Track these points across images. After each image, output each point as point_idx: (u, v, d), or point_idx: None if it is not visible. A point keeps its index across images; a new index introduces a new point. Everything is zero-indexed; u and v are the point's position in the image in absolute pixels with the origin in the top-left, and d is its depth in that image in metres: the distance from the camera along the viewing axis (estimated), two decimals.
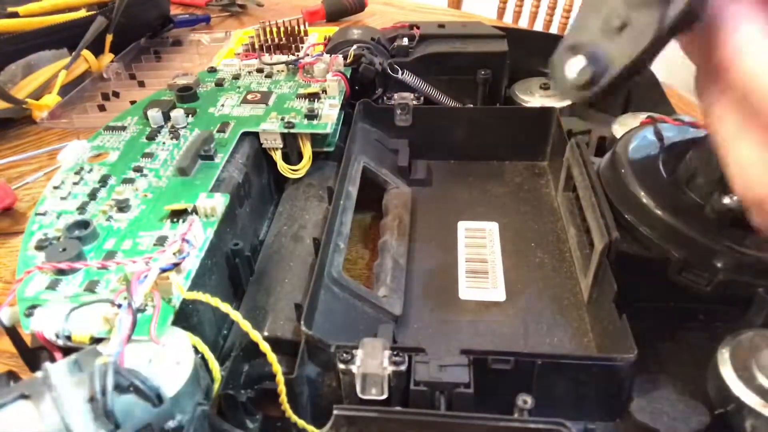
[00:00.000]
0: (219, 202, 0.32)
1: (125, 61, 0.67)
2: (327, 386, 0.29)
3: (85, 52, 0.63)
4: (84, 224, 0.31)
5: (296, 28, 0.52)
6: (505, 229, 0.40)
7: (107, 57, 0.66)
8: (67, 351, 0.26)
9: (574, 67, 0.23)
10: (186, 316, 0.28)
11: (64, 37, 0.63)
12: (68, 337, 0.26)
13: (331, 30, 0.56)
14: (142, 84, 0.63)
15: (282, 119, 0.41)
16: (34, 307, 0.27)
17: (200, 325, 0.29)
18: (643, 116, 0.41)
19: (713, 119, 0.22)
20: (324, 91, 0.44)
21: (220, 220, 0.32)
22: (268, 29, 0.51)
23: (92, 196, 0.34)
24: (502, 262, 0.37)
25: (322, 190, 0.42)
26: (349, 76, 0.46)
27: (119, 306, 0.25)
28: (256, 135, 0.41)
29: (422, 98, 0.49)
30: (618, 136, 0.40)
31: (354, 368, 0.26)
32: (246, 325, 0.26)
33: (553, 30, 1.18)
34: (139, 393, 0.22)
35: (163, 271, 0.27)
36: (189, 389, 0.25)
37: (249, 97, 0.44)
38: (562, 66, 0.23)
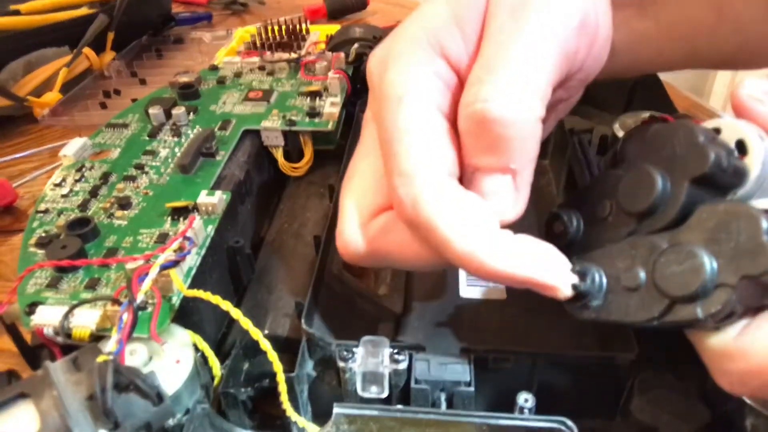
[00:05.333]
0: (220, 200, 0.32)
1: (127, 58, 0.67)
2: (327, 384, 0.29)
3: (87, 50, 0.63)
4: (85, 222, 0.31)
5: (298, 26, 0.52)
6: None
7: (109, 55, 0.66)
8: (67, 349, 0.26)
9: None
10: (186, 314, 0.28)
11: (65, 35, 0.63)
12: (68, 335, 0.26)
13: (333, 28, 0.56)
14: (143, 82, 0.63)
15: (283, 117, 0.41)
16: (34, 304, 0.27)
17: (201, 323, 0.29)
18: (644, 115, 0.41)
19: None
20: (326, 89, 0.44)
21: (221, 217, 0.32)
22: (269, 27, 0.51)
23: (93, 193, 0.34)
24: None
25: (323, 188, 0.42)
26: (350, 74, 0.46)
27: (120, 304, 0.25)
28: (257, 133, 0.41)
29: None
30: (620, 135, 0.39)
31: (354, 366, 0.26)
32: (246, 323, 0.26)
33: None
34: (139, 391, 0.22)
35: (164, 268, 0.27)
36: (189, 387, 0.25)
37: (250, 94, 0.44)
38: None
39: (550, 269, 0.23)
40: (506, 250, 0.22)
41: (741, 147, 0.22)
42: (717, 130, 0.23)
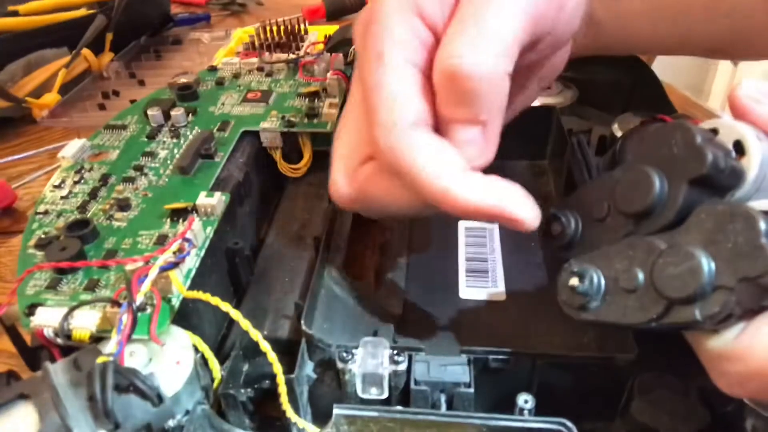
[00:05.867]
0: (219, 201, 0.32)
1: (125, 59, 0.67)
2: (327, 386, 0.29)
3: (85, 51, 0.63)
4: (84, 223, 0.31)
5: (296, 26, 0.52)
6: (505, 228, 0.40)
7: (107, 56, 0.66)
8: (67, 350, 0.26)
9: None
10: (186, 316, 0.28)
11: (64, 36, 0.63)
12: (68, 336, 0.26)
13: (332, 29, 0.56)
14: (142, 83, 0.63)
15: (282, 118, 0.41)
16: (34, 306, 0.27)
17: (200, 325, 0.29)
18: (643, 115, 0.41)
19: None
20: (324, 89, 0.44)
21: (220, 219, 0.32)
22: (268, 28, 0.51)
23: (92, 195, 0.34)
24: (503, 262, 0.37)
25: (322, 189, 0.42)
26: (349, 75, 0.46)
27: (119, 305, 0.25)
28: (256, 134, 0.41)
29: None
30: (618, 136, 0.39)
31: (354, 368, 0.26)
32: (246, 325, 0.26)
33: None
34: (139, 392, 0.22)
35: (164, 270, 0.27)
36: (189, 388, 0.25)
37: (249, 95, 0.44)
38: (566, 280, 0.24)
39: (517, 201, 0.24)
40: (476, 186, 0.24)
41: (739, 148, 0.22)
42: (714, 131, 0.23)
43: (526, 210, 0.24)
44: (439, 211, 0.25)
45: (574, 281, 0.24)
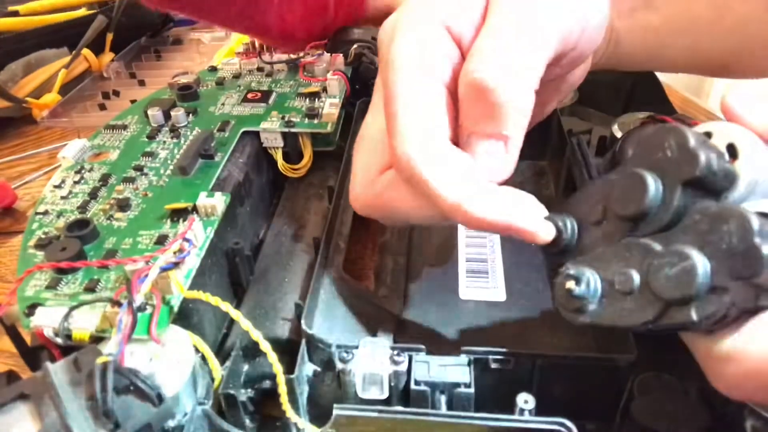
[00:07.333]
0: (219, 201, 0.32)
1: (125, 59, 0.67)
2: (327, 386, 0.29)
3: (86, 51, 0.63)
4: (84, 223, 0.31)
5: None
6: None
7: (107, 56, 0.66)
8: (67, 350, 0.26)
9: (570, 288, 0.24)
10: (186, 316, 0.28)
11: (64, 36, 0.63)
12: (68, 336, 0.26)
13: None
14: (142, 83, 0.63)
15: (282, 118, 0.41)
16: (34, 306, 0.27)
17: (200, 325, 0.29)
18: (643, 116, 0.41)
19: None
20: (324, 90, 0.44)
21: (220, 219, 0.32)
22: None
23: (92, 195, 0.34)
24: (503, 262, 0.37)
25: (322, 189, 0.42)
26: (349, 75, 0.46)
27: (119, 305, 0.25)
28: (256, 134, 0.41)
29: None
30: (618, 136, 0.40)
31: (354, 368, 0.26)
32: (246, 325, 0.26)
33: None
34: (139, 392, 0.22)
35: (164, 270, 0.27)
36: (189, 389, 0.25)
37: (249, 96, 0.44)
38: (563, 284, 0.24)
39: (529, 215, 0.24)
40: (488, 202, 0.24)
41: (732, 151, 0.22)
42: (708, 134, 0.23)
43: (538, 224, 0.24)
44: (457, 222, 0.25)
45: (570, 285, 0.24)
